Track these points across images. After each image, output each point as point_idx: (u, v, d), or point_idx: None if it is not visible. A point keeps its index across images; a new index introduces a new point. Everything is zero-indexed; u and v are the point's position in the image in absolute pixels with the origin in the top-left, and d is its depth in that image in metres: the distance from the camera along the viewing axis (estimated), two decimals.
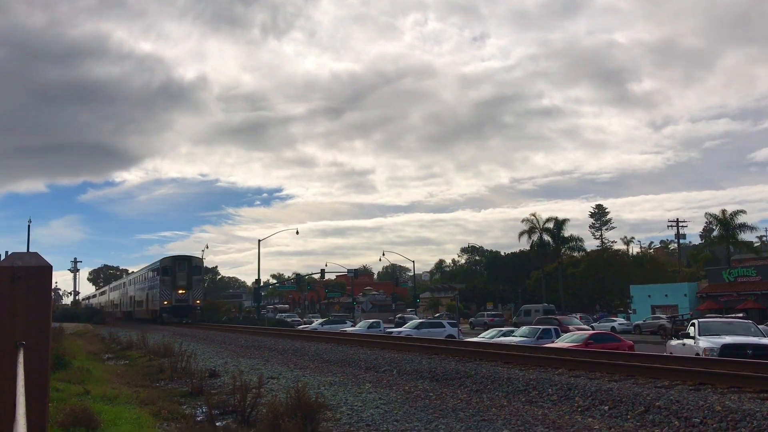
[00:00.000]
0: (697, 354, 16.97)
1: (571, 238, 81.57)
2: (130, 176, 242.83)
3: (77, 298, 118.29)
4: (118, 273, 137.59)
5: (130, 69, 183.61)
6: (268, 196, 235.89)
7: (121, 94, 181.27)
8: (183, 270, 50.56)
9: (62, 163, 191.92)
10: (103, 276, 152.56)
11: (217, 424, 9.18)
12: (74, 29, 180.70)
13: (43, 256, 3.05)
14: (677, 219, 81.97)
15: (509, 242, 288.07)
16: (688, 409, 8.34)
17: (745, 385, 9.49)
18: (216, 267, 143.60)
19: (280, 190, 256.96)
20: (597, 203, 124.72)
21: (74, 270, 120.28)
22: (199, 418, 10.09)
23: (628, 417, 8.65)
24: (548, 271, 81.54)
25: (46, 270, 2.96)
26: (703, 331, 18.83)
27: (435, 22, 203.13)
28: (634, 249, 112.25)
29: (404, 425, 8.83)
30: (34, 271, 2.91)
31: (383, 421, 9.21)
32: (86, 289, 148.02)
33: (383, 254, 77.76)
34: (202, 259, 56.57)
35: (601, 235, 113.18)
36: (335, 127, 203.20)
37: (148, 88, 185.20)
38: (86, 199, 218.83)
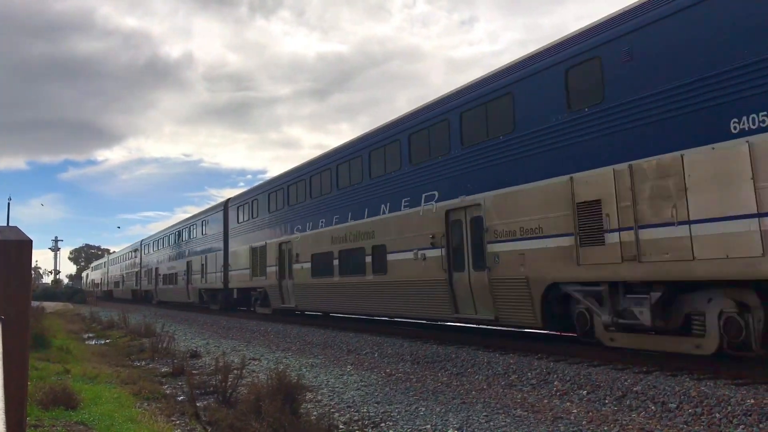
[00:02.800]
0: None
1: None
2: (113, 155, 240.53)
3: (57, 276, 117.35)
4: (99, 252, 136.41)
5: (115, 45, 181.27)
6: (252, 178, 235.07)
7: (105, 71, 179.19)
8: None
9: (43, 141, 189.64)
10: (84, 255, 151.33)
11: (198, 404, 9.18)
12: (59, 3, 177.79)
13: (22, 231, 3.01)
14: None
15: None
16: (665, 394, 8.48)
17: (721, 372, 9.64)
18: None
19: (264, 171, 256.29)
20: None
21: (55, 249, 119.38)
22: (180, 398, 10.10)
23: (606, 401, 8.77)
24: None
25: (26, 244, 2.93)
26: None
27: (424, 5, 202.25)
28: None
29: (385, 407, 8.89)
30: (13, 245, 2.87)
31: (364, 402, 9.26)
32: (67, 268, 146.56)
33: None
34: None
35: None
36: (321, 109, 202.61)
37: (133, 66, 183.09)
38: (67, 178, 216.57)
